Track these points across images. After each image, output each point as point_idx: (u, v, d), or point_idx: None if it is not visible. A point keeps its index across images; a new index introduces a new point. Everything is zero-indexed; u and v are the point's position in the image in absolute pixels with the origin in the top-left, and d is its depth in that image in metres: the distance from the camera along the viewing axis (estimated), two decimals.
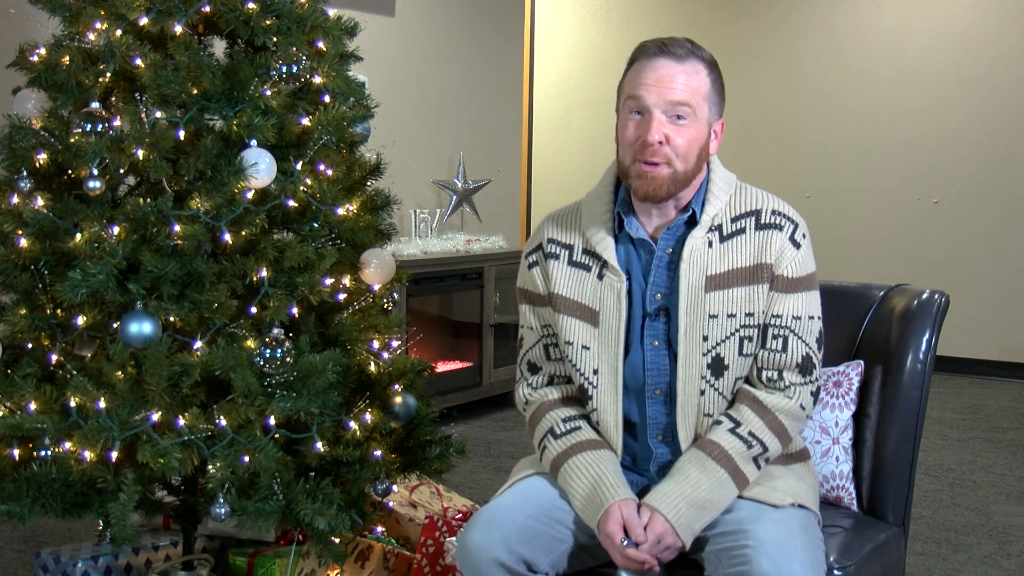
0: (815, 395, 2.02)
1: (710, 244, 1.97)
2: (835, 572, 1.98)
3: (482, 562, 1.87)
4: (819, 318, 2.02)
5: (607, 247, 2.01)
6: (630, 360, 2.00)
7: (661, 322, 1.99)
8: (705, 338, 1.95)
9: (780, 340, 1.97)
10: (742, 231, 1.98)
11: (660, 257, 1.99)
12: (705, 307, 1.95)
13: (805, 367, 1.99)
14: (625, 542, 1.86)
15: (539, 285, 2.08)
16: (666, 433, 2.00)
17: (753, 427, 1.95)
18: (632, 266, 2.01)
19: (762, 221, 1.98)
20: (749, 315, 1.95)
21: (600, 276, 2.01)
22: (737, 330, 1.95)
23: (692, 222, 1.99)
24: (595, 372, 2.00)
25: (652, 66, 1.94)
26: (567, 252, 2.06)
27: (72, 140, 2.41)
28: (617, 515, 1.88)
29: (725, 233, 1.98)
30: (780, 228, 1.98)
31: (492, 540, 1.88)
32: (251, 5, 2.48)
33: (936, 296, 2.30)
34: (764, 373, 1.98)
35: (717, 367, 1.95)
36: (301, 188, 2.51)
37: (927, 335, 2.26)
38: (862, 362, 2.31)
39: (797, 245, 1.98)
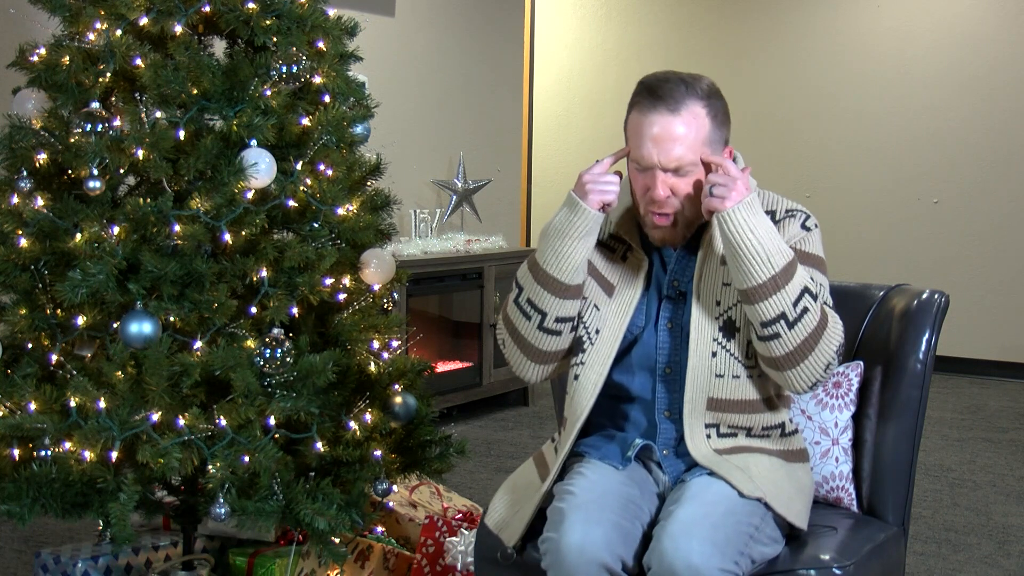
0: (839, 353, 1.97)
1: None
2: (835, 571, 1.98)
3: (583, 564, 1.80)
4: (832, 304, 2.03)
5: (631, 234, 2.09)
6: (644, 340, 2.05)
7: (677, 305, 2.05)
8: (718, 303, 2.01)
9: None
10: None
11: (681, 251, 2.07)
12: (719, 277, 2.01)
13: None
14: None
15: None
16: (672, 410, 2.04)
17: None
18: (653, 255, 2.09)
19: (777, 218, 2.06)
20: None
21: (624, 257, 2.09)
22: None
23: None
24: (597, 332, 2.05)
25: (649, 122, 1.94)
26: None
27: (72, 140, 2.41)
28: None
29: None
30: (793, 216, 2.06)
31: (595, 541, 1.81)
32: (251, 5, 2.48)
33: (936, 296, 2.30)
34: None
35: (728, 329, 2.00)
36: (301, 188, 2.51)
37: (927, 335, 2.26)
38: (861, 363, 2.31)
39: (808, 230, 2.05)
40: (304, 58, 2.53)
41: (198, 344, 2.39)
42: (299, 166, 2.52)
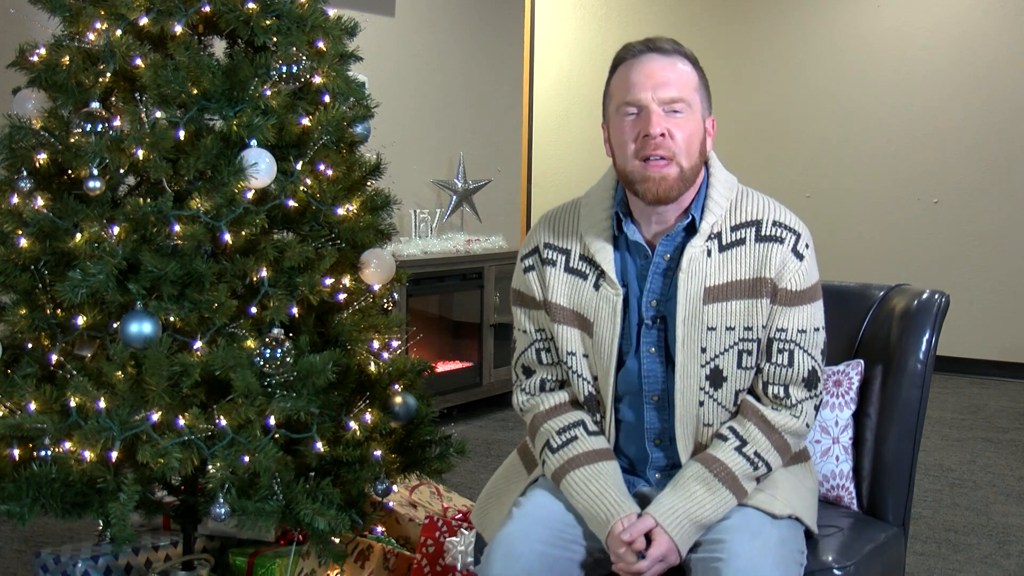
0: (818, 408, 2.00)
1: (709, 253, 1.92)
2: (835, 572, 1.98)
3: None
4: (823, 328, 1.98)
5: (605, 256, 1.97)
6: (626, 367, 1.97)
7: (657, 329, 1.95)
8: (703, 350, 1.92)
9: (786, 355, 1.93)
10: (742, 242, 1.92)
11: (657, 264, 1.95)
12: (703, 319, 1.91)
13: (811, 381, 1.96)
14: (636, 557, 1.86)
15: (534, 290, 2.03)
16: (662, 437, 1.99)
17: (759, 447, 1.92)
18: (628, 273, 1.97)
19: (763, 233, 1.92)
20: (748, 329, 1.92)
21: (596, 286, 1.97)
22: (736, 343, 1.92)
23: (691, 229, 1.95)
24: (595, 379, 1.99)
25: (640, 64, 1.91)
26: (564, 258, 2.01)
27: (72, 140, 2.41)
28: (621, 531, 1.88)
29: (724, 243, 1.93)
30: (781, 241, 1.92)
31: (514, 574, 1.84)
32: (251, 5, 2.48)
33: (936, 296, 2.30)
34: (770, 388, 1.95)
35: (716, 379, 1.93)
36: (301, 188, 2.51)
37: (927, 335, 2.26)
38: (862, 362, 2.31)
39: (800, 257, 1.93)
40: (304, 58, 2.53)
41: (198, 344, 2.39)
42: (299, 166, 2.52)
